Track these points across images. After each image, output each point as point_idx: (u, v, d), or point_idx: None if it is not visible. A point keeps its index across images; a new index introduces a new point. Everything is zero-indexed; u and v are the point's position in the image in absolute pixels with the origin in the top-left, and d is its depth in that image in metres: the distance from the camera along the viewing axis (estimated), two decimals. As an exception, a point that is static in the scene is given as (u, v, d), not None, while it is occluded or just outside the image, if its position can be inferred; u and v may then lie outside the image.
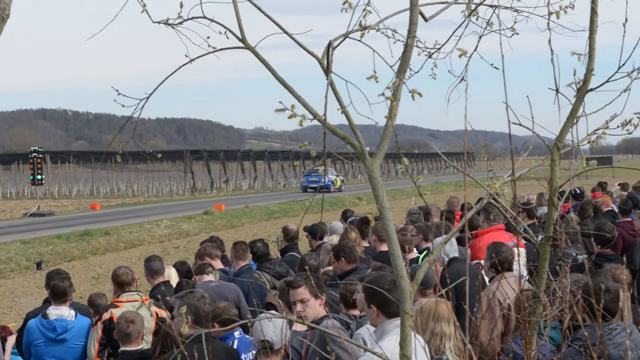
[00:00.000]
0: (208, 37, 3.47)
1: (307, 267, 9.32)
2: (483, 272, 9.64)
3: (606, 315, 6.30)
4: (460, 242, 11.89)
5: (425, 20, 3.37)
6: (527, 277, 6.68)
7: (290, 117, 3.13)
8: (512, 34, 3.65)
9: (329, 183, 69.91)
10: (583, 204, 16.88)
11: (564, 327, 3.43)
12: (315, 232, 13.60)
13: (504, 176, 3.56)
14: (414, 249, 11.41)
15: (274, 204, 56.10)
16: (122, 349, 8.18)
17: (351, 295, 7.99)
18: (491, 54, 3.51)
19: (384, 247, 10.92)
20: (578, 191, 19.91)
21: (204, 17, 3.42)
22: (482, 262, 9.98)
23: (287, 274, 11.02)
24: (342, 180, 79.52)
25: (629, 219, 15.38)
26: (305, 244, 14.62)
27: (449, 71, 3.62)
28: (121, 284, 9.59)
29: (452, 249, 10.95)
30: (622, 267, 7.69)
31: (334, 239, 12.28)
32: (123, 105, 3.62)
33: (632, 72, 3.33)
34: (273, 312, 8.33)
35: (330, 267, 10.48)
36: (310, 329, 7.05)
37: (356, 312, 7.95)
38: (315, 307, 7.33)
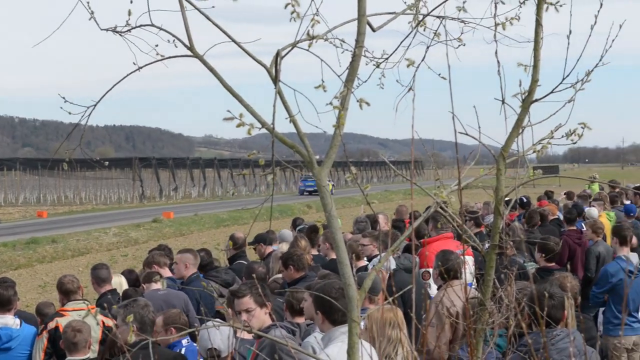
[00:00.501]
0: (156, 45, 3.46)
1: (254, 275, 9.32)
2: (431, 280, 9.72)
3: (550, 322, 6.38)
4: (408, 250, 11.97)
5: (373, 30, 3.39)
6: (475, 285, 6.76)
7: (238, 125, 3.13)
8: (459, 45, 3.69)
9: None
10: (530, 212, 17.10)
11: (509, 334, 3.47)
12: (264, 239, 13.59)
13: (451, 185, 3.60)
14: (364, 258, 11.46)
15: (224, 212, 55.96)
16: (68, 358, 8.10)
17: (298, 303, 8.00)
18: (439, 64, 3.55)
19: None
20: (525, 200, 20.16)
21: (153, 25, 3.41)
22: (430, 270, 10.06)
23: (234, 281, 11.01)
24: (333, 185, 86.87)
25: (574, 228, 15.60)
26: (253, 252, 14.59)
27: (397, 81, 3.65)
28: (67, 293, 9.49)
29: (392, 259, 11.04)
30: (570, 275, 7.80)
31: (284, 247, 12.28)
32: (70, 113, 3.59)
33: (576, 83, 3.39)
34: (220, 320, 8.30)
35: (280, 275, 10.48)
36: (257, 337, 7.04)
37: (301, 320, 7.96)
38: (261, 317, 7.31)
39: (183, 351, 8.08)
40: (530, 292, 6.57)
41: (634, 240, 12.62)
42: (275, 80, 3.22)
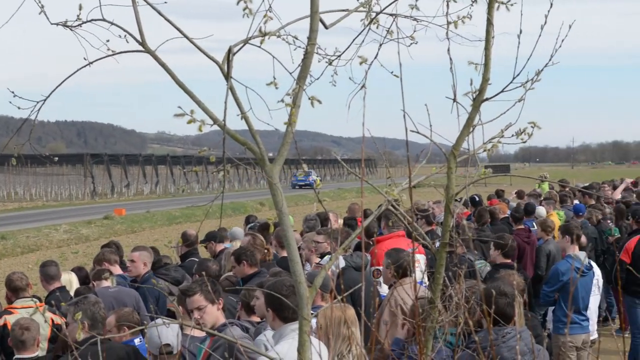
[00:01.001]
0: (107, 40, 3.43)
1: (205, 272, 9.29)
2: (382, 278, 9.74)
3: (499, 320, 6.42)
4: (360, 248, 12.00)
5: (326, 27, 3.39)
6: (426, 283, 6.79)
7: (189, 122, 3.11)
8: (411, 43, 3.70)
9: (313, 182, 79.04)
10: (480, 211, 17.21)
11: (458, 332, 3.49)
12: (215, 236, 13.55)
13: (402, 183, 3.60)
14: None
15: (176, 209, 55.63)
16: (16, 356, 8.00)
17: (250, 301, 7.98)
18: (393, 62, 3.55)
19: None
20: (476, 198, 20.30)
21: (104, 20, 3.37)
22: (381, 268, 10.09)
23: (184, 279, 10.96)
24: (321, 180, 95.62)
25: (522, 227, 15.74)
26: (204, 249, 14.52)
27: (349, 78, 3.65)
28: (15, 290, 9.38)
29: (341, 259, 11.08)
30: (515, 273, 7.87)
31: (236, 245, 12.25)
32: (19, 107, 3.54)
33: (526, 82, 3.41)
34: (169, 318, 8.27)
35: (232, 273, 10.44)
36: (211, 335, 7.01)
37: (257, 319, 7.95)
38: (213, 313, 7.28)
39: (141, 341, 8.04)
40: (485, 290, 6.62)
41: (583, 239, 12.77)
42: (227, 76, 3.20)
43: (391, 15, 3.61)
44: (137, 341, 8.10)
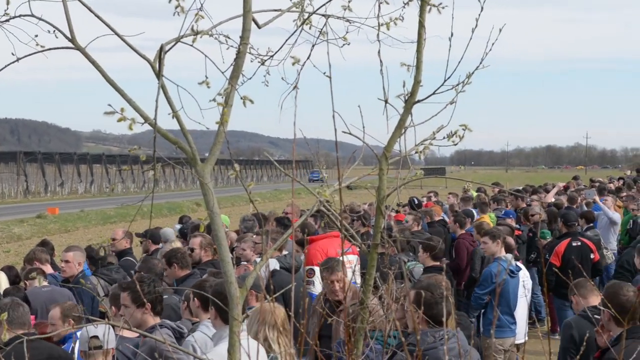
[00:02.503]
0: (36, 36, 3.37)
1: (151, 270, 9.24)
2: (315, 278, 9.79)
3: (430, 321, 6.46)
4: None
5: (259, 27, 3.38)
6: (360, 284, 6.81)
7: (119, 120, 3.07)
8: (344, 44, 3.71)
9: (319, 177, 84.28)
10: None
11: (385, 334, 3.50)
12: (153, 236, 13.47)
13: (334, 184, 3.61)
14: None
15: (111, 208, 55.10)
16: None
17: (187, 302, 7.95)
18: (326, 63, 3.55)
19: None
20: (416, 201, 20.47)
21: (32, 16, 3.32)
22: (315, 267, 10.12)
23: (125, 279, 10.87)
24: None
25: (464, 232, 15.89)
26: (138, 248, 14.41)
27: (282, 78, 3.65)
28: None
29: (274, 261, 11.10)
30: (441, 275, 7.93)
31: (175, 245, 12.18)
32: (-53, 104, 3.47)
33: (457, 85, 3.44)
34: (96, 318, 8.20)
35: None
36: (142, 335, 6.97)
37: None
38: (136, 316, 7.20)
39: (77, 343, 7.94)
40: (417, 292, 6.66)
41: (511, 241, 12.94)
42: (159, 74, 3.17)
43: (323, 16, 3.62)
44: (79, 334, 8.02)
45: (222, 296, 5.62)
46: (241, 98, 3.21)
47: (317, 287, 9.94)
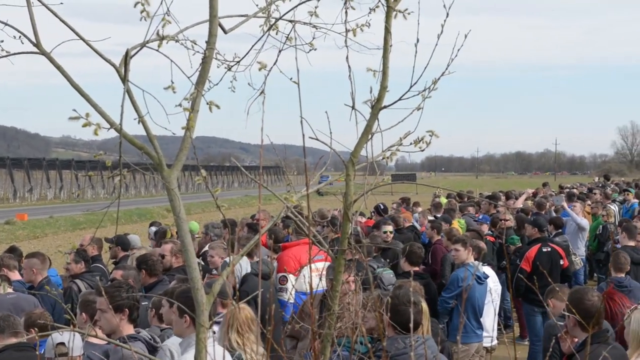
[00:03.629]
0: (1, 41, 3.36)
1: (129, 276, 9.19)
2: (288, 284, 9.78)
3: (397, 328, 6.47)
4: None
5: (225, 32, 3.37)
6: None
7: (84, 125, 3.05)
8: (310, 50, 3.71)
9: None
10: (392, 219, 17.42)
11: (353, 340, 3.50)
12: (123, 242, 13.41)
13: (302, 190, 3.60)
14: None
15: (80, 214, 54.74)
16: None
17: (158, 309, 7.92)
18: (294, 69, 3.55)
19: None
20: (382, 207, 20.50)
21: (-2, 20, 3.30)
22: (288, 275, 10.11)
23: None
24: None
25: (440, 237, 15.94)
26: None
27: (248, 84, 3.64)
28: None
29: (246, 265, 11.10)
30: (414, 281, 7.96)
31: (142, 251, 12.14)
32: None
33: (424, 90, 3.44)
34: (62, 325, 8.13)
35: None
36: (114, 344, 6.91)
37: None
38: (112, 321, 7.15)
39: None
40: (391, 297, 6.66)
41: (482, 246, 12.99)
42: (124, 79, 3.16)
43: (290, 21, 3.62)
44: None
45: (189, 302, 5.60)
46: (207, 103, 3.20)
47: (290, 294, 9.93)
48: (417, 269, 11.36)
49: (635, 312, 6.86)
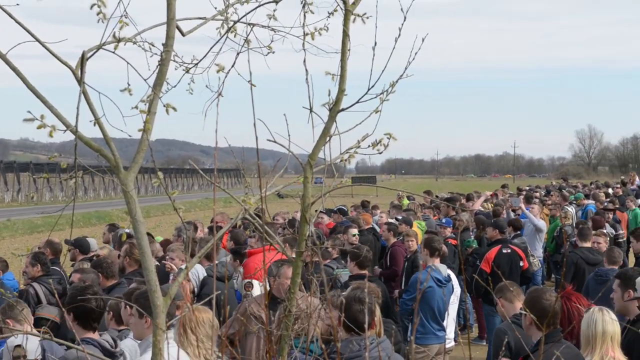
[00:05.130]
0: (-45, 43, 3.33)
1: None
2: (254, 291, 9.78)
3: (353, 328, 6.48)
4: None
5: (183, 34, 3.36)
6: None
7: (39, 127, 3.03)
8: (268, 52, 3.72)
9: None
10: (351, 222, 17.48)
11: (308, 341, 3.51)
12: (81, 245, 13.32)
13: (260, 192, 3.60)
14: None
15: (39, 217, 54.17)
16: None
17: (115, 312, 7.87)
18: (254, 72, 3.55)
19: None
20: (343, 209, 20.59)
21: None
22: (253, 281, 10.10)
23: (63, 291, 10.76)
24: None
25: (397, 240, 16.00)
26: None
27: (206, 86, 3.63)
28: None
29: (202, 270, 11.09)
30: (370, 283, 7.99)
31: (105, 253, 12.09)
32: None
33: (381, 93, 3.46)
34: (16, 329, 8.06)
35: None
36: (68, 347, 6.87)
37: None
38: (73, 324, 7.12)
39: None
40: (345, 299, 6.69)
41: (444, 249, 13.05)
42: (80, 81, 3.14)
43: (249, 24, 3.62)
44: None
45: (146, 304, 5.58)
46: (164, 105, 3.19)
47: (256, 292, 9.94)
48: (365, 272, 11.36)
49: (589, 312, 6.97)
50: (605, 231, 16.50)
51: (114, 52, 3.23)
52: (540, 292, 7.03)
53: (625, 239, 20.31)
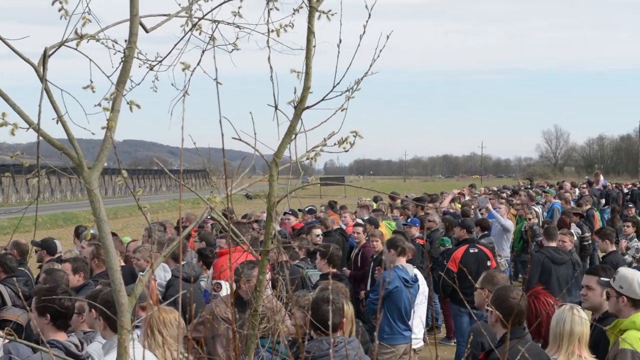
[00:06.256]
0: None
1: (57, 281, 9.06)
2: (222, 292, 9.74)
3: (320, 328, 6.48)
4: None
5: (147, 31, 3.34)
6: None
7: (0, 125, 2.99)
8: (233, 49, 3.69)
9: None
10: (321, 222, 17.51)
11: (274, 341, 3.49)
12: (49, 246, 13.22)
13: (227, 191, 3.58)
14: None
15: (4, 219, 53.67)
16: None
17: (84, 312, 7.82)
18: (219, 69, 3.52)
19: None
20: (312, 209, 20.62)
21: None
22: (222, 282, 10.06)
23: (29, 293, 10.66)
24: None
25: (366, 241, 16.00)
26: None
27: (172, 84, 3.60)
28: None
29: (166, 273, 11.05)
30: (338, 282, 7.99)
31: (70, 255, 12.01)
32: None
33: (347, 91, 3.45)
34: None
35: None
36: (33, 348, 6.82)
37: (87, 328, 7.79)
38: (40, 326, 7.05)
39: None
40: (314, 299, 6.68)
41: (411, 250, 13.07)
42: (42, 78, 3.11)
43: (213, 21, 3.59)
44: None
45: (111, 305, 5.55)
46: (128, 103, 3.17)
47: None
48: (335, 270, 11.38)
49: (559, 310, 7.00)
50: (571, 231, 16.60)
51: (76, 49, 3.19)
52: (507, 290, 7.05)
53: (590, 241, 20.41)
